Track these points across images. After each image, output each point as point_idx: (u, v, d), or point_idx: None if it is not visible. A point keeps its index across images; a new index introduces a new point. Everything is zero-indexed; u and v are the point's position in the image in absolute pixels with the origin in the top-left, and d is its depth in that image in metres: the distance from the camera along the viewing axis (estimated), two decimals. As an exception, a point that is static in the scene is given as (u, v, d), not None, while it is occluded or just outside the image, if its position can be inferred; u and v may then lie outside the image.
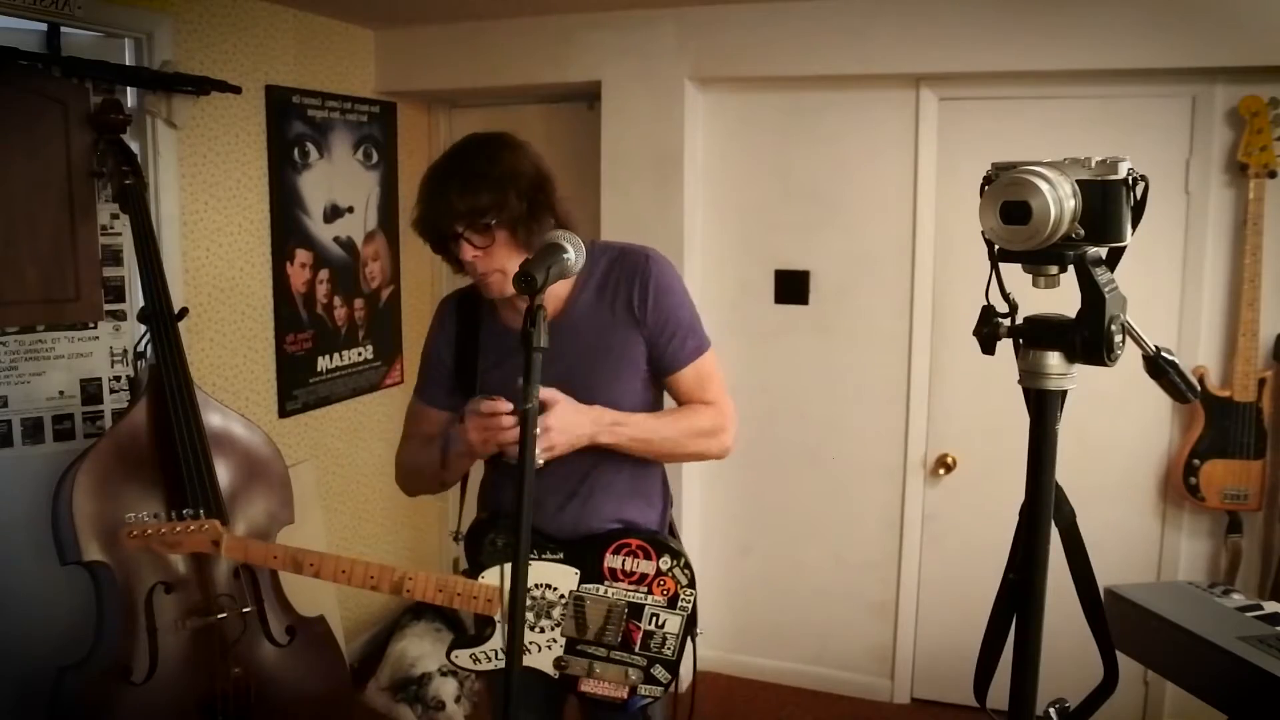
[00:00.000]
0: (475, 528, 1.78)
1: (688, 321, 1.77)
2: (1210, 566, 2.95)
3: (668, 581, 1.74)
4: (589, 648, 1.74)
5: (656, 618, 1.74)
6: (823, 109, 3.17)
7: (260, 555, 1.86)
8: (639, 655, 1.74)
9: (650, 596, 1.74)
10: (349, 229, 3.41)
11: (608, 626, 1.73)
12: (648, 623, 1.74)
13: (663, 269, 1.77)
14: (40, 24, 2.39)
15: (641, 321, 1.73)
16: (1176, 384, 1.24)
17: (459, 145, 1.76)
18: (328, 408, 3.38)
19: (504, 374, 1.74)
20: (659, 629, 1.74)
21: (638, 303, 1.73)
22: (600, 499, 1.77)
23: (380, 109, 3.52)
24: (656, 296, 1.73)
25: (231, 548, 1.81)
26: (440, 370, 1.85)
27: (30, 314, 2.43)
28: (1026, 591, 1.24)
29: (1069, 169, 1.12)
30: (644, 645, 1.74)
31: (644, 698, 1.75)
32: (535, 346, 1.37)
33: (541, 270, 1.39)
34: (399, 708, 3.08)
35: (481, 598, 1.72)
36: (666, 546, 1.76)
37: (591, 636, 1.73)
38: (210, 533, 1.79)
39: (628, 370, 1.75)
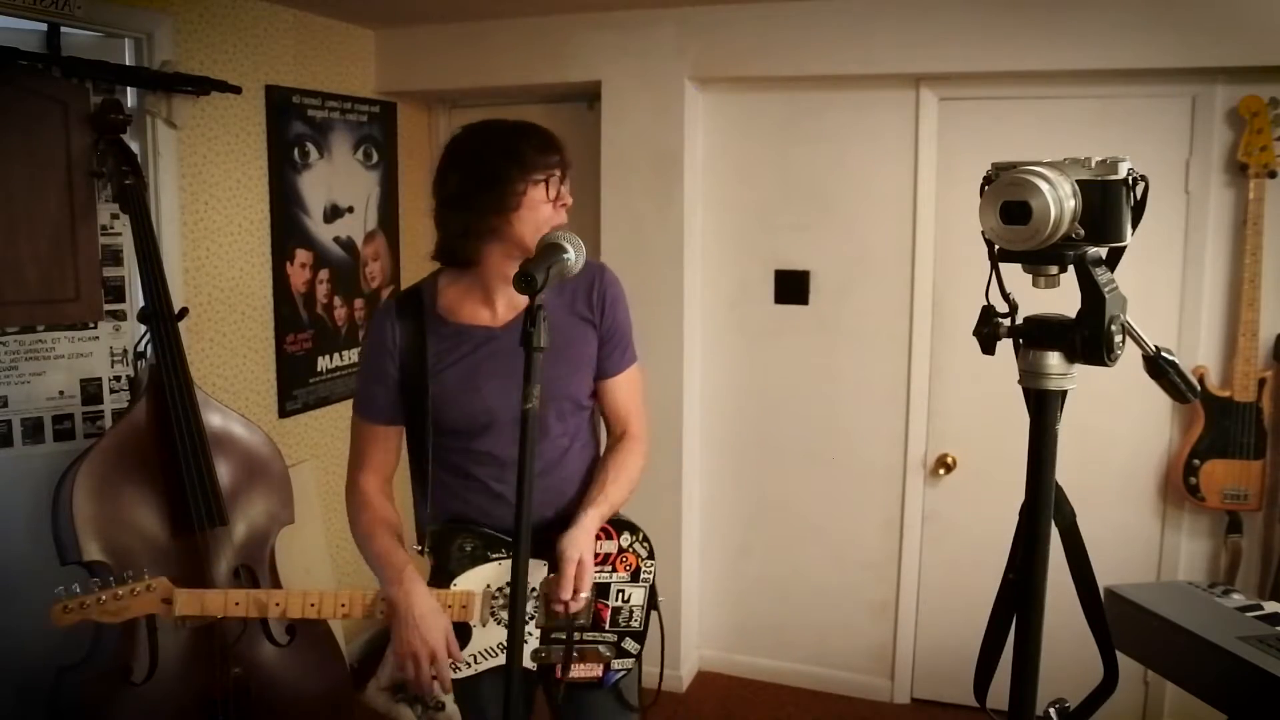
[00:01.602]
0: (440, 536, 1.76)
1: (628, 334, 1.87)
2: (1210, 566, 2.95)
3: (629, 557, 1.80)
4: (562, 634, 1.76)
5: (622, 593, 1.79)
6: (823, 109, 3.17)
7: (218, 605, 1.73)
8: (609, 632, 1.79)
9: (615, 574, 1.79)
10: (349, 229, 3.41)
11: (579, 611, 1.74)
12: (615, 599, 1.79)
13: (614, 281, 1.85)
14: (40, 24, 2.39)
15: (597, 324, 1.81)
16: (1176, 384, 1.24)
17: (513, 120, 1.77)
18: (328, 408, 3.38)
19: (461, 371, 1.73)
20: (625, 604, 1.79)
21: (595, 306, 1.80)
22: (555, 489, 1.80)
23: (380, 109, 3.52)
24: (610, 304, 1.82)
25: (186, 604, 1.70)
26: (386, 383, 1.77)
27: (30, 314, 2.43)
28: (1026, 591, 1.24)
29: (1069, 169, 1.12)
30: (613, 621, 1.79)
31: (617, 671, 1.80)
32: (535, 346, 1.37)
33: (542, 270, 1.40)
34: (399, 708, 3.08)
35: (456, 605, 1.73)
36: (625, 523, 1.81)
37: (564, 623, 1.75)
38: (159, 591, 1.69)
39: (585, 366, 1.81)
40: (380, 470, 1.82)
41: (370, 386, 1.79)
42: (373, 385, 1.78)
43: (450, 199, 1.70)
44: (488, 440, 1.75)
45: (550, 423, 1.76)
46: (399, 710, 3.08)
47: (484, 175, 1.66)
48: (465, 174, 1.68)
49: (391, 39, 3.47)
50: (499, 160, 1.66)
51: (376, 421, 1.80)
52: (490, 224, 1.67)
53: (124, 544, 2.20)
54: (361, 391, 1.82)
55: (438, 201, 1.73)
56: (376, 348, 1.78)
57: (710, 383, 3.43)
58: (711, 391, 3.43)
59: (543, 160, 1.67)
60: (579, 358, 1.80)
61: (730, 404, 3.42)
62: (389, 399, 1.78)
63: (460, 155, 1.71)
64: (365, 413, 1.81)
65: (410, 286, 1.86)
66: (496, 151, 1.67)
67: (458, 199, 1.68)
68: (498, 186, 1.65)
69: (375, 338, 1.79)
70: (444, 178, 1.71)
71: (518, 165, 1.65)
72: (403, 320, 1.77)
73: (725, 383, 3.41)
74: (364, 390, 1.81)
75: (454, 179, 1.69)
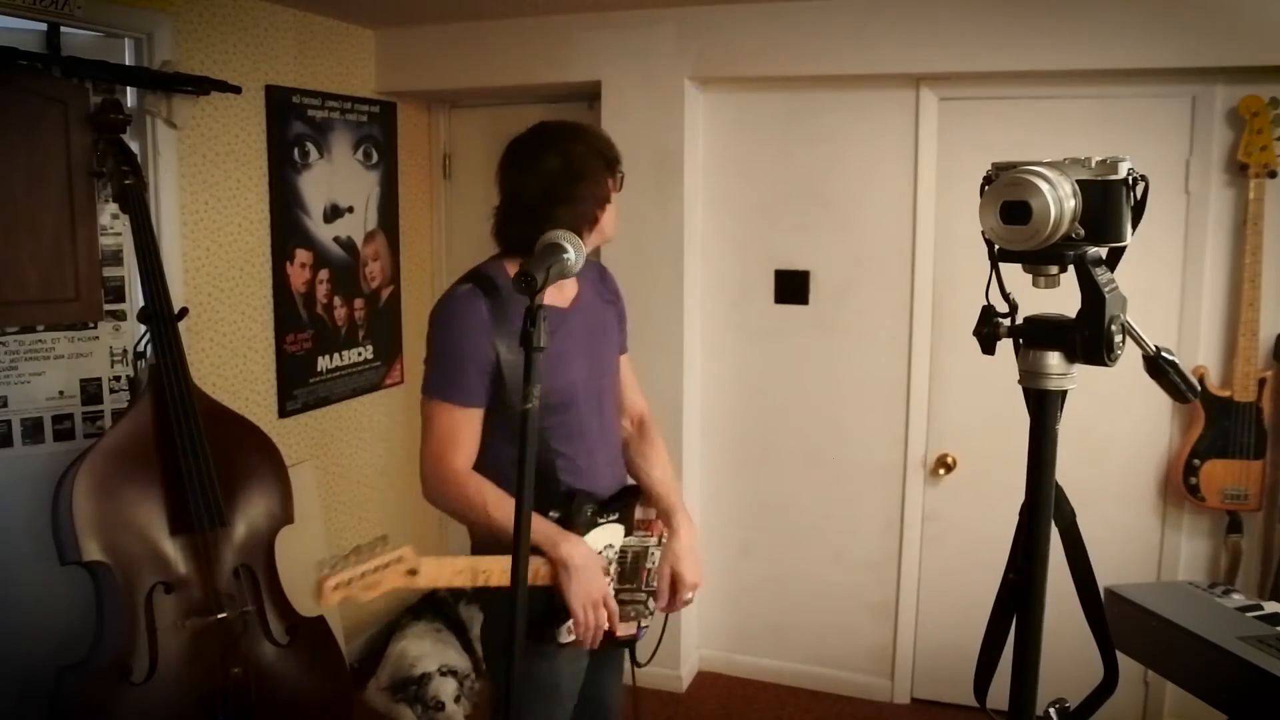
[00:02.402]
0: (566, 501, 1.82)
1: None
2: (1210, 566, 2.95)
3: (658, 524, 1.99)
4: (621, 594, 1.91)
5: (653, 556, 1.98)
6: (823, 109, 3.17)
7: (447, 576, 1.69)
8: (643, 591, 1.96)
9: (651, 538, 1.98)
10: (349, 229, 3.41)
11: (638, 572, 1.94)
12: (648, 561, 1.97)
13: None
14: (40, 24, 2.39)
15: (618, 310, 2.08)
16: (1176, 384, 1.24)
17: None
18: (328, 408, 3.38)
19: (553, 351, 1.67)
20: (653, 566, 1.98)
21: (611, 289, 2.08)
22: (617, 458, 2.03)
23: (380, 109, 3.52)
24: (618, 294, 2.10)
25: (429, 576, 1.63)
26: (482, 364, 1.75)
27: (30, 314, 2.43)
28: (1026, 591, 1.24)
29: (1069, 169, 1.12)
30: (646, 582, 1.97)
31: (645, 627, 1.99)
32: (535, 346, 1.37)
33: (542, 270, 1.40)
34: (399, 708, 3.08)
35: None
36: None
37: (628, 584, 1.93)
38: (407, 562, 1.59)
39: (618, 347, 2.08)
40: (471, 454, 1.81)
41: (463, 370, 1.76)
42: (467, 367, 1.75)
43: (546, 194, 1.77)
44: (569, 415, 1.85)
45: (608, 399, 1.97)
46: (399, 710, 3.08)
47: (583, 171, 1.79)
48: (563, 170, 1.77)
49: (391, 39, 3.47)
50: (593, 158, 1.81)
51: (469, 405, 1.77)
52: (590, 215, 1.81)
53: (124, 544, 2.20)
54: (450, 376, 1.78)
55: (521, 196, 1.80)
56: (475, 330, 1.75)
57: (710, 383, 3.43)
58: (711, 391, 3.43)
59: (616, 157, 1.88)
60: (615, 339, 2.05)
61: (730, 404, 3.42)
62: (483, 382, 1.77)
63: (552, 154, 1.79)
64: (456, 397, 1.77)
65: (475, 272, 1.85)
66: (590, 150, 1.82)
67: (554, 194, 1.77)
68: (594, 181, 1.80)
69: (471, 320, 1.75)
70: (531, 174, 1.78)
71: (605, 162, 1.84)
72: (489, 300, 1.77)
73: (725, 383, 3.41)
74: (454, 375, 1.77)
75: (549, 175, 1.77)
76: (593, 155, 1.82)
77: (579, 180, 1.78)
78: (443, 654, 3.20)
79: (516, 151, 1.84)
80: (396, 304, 3.69)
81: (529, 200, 1.79)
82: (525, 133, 1.86)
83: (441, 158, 3.85)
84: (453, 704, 3.04)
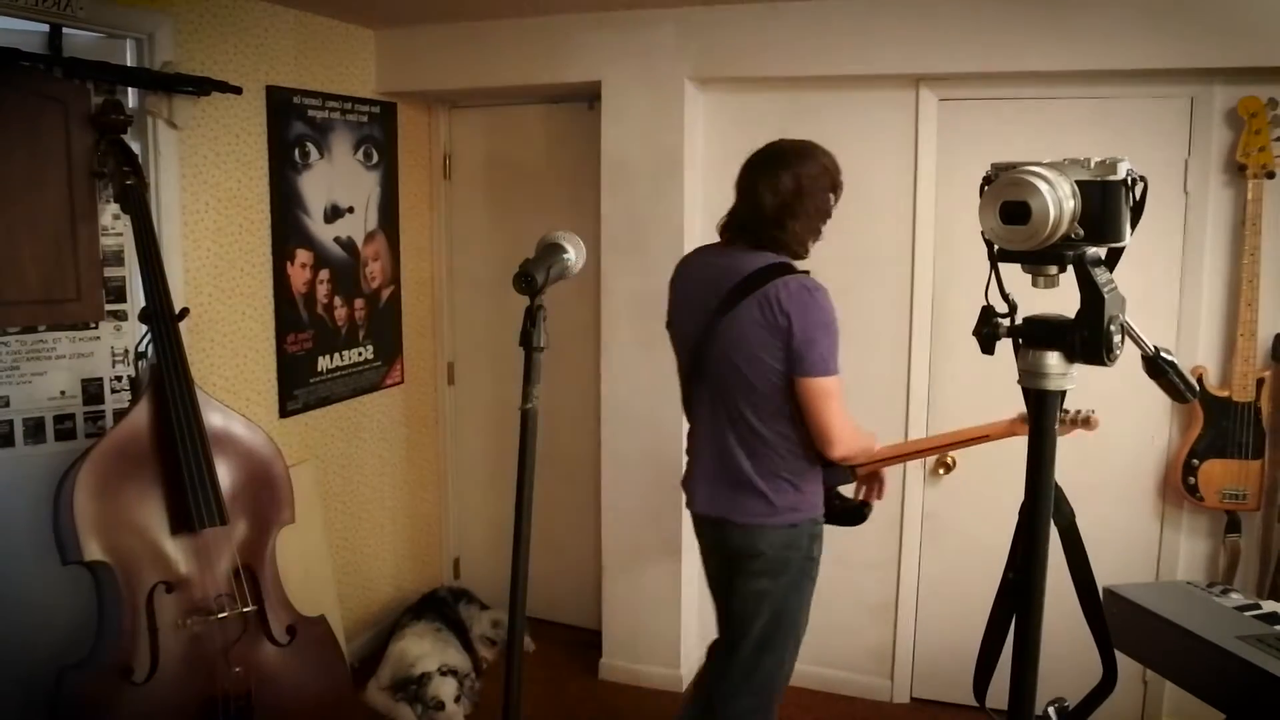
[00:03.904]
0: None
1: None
2: (1209, 566, 2.95)
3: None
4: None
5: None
6: (823, 109, 3.17)
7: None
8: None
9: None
10: (349, 229, 3.41)
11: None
12: None
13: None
14: (42, 25, 2.39)
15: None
16: (1175, 384, 1.25)
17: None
18: (328, 408, 3.38)
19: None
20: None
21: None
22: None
23: (380, 109, 3.53)
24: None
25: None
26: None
27: (32, 314, 2.43)
28: (1026, 591, 1.24)
29: (1068, 169, 1.13)
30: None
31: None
32: (535, 346, 1.37)
33: (542, 270, 1.40)
34: (399, 707, 3.08)
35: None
36: None
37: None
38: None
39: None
40: None
41: (838, 346, 2.13)
42: (838, 344, 2.13)
43: (783, 208, 2.12)
44: None
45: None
46: (399, 710, 3.09)
47: (813, 191, 2.13)
48: (797, 190, 2.11)
49: (391, 39, 3.48)
50: (822, 177, 2.15)
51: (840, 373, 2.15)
52: (814, 228, 2.18)
53: (125, 544, 2.21)
54: (835, 353, 2.12)
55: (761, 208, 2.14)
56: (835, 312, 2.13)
57: (710, 383, 3.43)
58: (711, 391, 3.43)
59: (840, 183, 2.19)
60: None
61: (730, 404, 3.42)
62: None
63: (788, 174, 2.12)
64: (838, 368, 2.13)
65: (789, 264, 2.17)
66: (820, 171, 2.15)
67: (789, 209, 2.12)
68: (821, 200, 2.16)
69: (832, 303, 2.13)
70: (772, 189, 2.12)
71: (831, 182, 2.17)
72: None
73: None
74: (836, 351, 2.13)
75: (786, 193, 2.11)
76: (822, 175, 2.14)
77: (809, 199, 2.12)
78: (443, 654, 3.20)
79: (758, 165, 2.18)
80: (397, 304, 3.69)
81: (768, 211, 2.13)
82: (767, 147, 2.20)
83: (441, 158, 3.85)
84: (453, 704, 3.04)
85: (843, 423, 2.15)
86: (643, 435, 3.34)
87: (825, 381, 2.10)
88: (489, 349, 3.90)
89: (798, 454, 2.20)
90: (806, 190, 2.11)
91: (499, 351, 3.84)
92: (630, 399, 3.34)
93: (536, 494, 1.53)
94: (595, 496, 3.50)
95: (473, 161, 3.84)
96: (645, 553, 3.39)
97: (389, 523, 3.75)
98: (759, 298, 2.10)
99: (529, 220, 3.72)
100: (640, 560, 3.40)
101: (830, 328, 2.12)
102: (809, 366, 2.09)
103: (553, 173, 3.71)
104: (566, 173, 3.66)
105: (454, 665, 3.15)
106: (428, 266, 3.88)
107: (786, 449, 2.19)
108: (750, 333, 2.12)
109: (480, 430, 3.98)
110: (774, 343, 2.10)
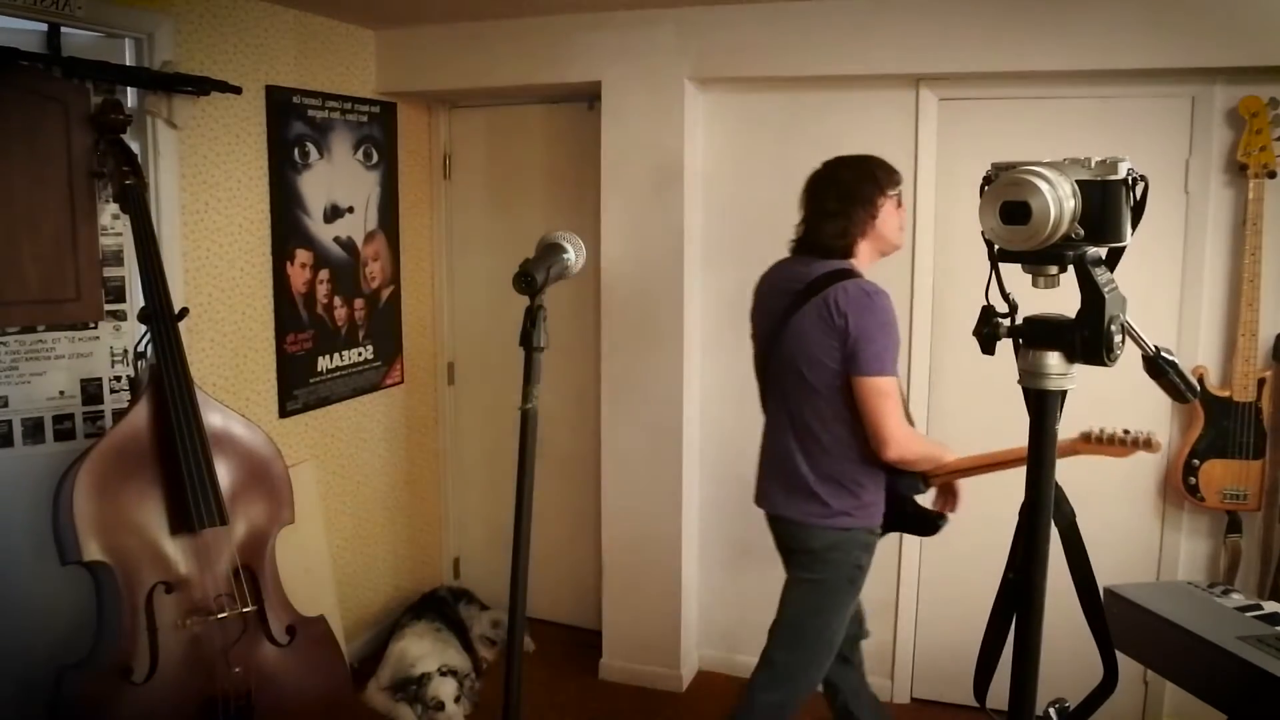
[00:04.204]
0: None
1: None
2: (1210, 566, 2.95)
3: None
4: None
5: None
6: (823, 109, 3.17)
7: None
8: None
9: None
10: (349, 229, 3.41)
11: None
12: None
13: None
14: (41, 24, 2.39)
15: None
16: (1176, 384, 1.25)
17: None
18: (328, 408, 3.38)
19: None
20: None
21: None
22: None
23: (380, 109, 3.52)
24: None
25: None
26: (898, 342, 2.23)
27: (31, 314, 2.43)
28: (1026, 591, 1.24)
29: (1069, 169, 1.13)
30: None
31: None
32: (535, 346, 1.37)
33: (542, 270, 1.40)
34: (399, 707, 3.08)
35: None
36: None
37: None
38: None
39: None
40: None
41: (896, 348, 2.21)
42: (897, 347, 2.21)
43: (827, 212, 2.28)
44: None
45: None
46: (399, 710, 3.09)
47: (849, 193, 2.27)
48: (838, 193, 2.27)
49: (391, 39, 3.48)
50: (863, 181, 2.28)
51: (897, 375, 2.21)
52: (861, 223, 2.26)
53: (124, 544, 2.21)
54: (893, 355, 2.19)
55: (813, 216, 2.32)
56: (894, 314, 2.21)
57: (710, 382, 3.43)
58: (711, 391, 3.43)
59: (890, 180, 2.30)
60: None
61: (730, 404, 3.42)
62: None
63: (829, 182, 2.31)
64: (894, 370, 2.20)
65: (849, 270, 2.28)
66: (859, 175, 2.29)
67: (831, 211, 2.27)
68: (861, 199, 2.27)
69: (892, 306, 2.21)
70: (819, 199, 2.31)
71: (875, 184, 2.28)
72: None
73: (725, 382, 3.41)
74: (894, 353, 2.20)
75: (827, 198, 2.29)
76: (862, 179, 2.28)
77: (843, 202, 2.26)
78: (443, 654, 3.20)
79: (812, 182, 2.37)
80: (397, 304, 3.69)
81: (816, 219, 2.31)
82: (820, 167, 2.38)
83: (441, 158, 3.85)
84: (453, 704, 3.04)
85: (896, 424, 2.18)
86: (643, 435, 3.34)
87: (879, 381, 2.16)
88: (489, 349, 3.90)
89: (855, 459, 2.25)
90: (852, 195, 2.25)
91: (499, 351, 3.84)
92: (631, 399, 3.34)
93: (536, 494, 1.53)
94: (595, 496, 3.50)
95: (473, 161, 3.84)
96: (645, 553, 3.39)
97: (389, 523, 3.75)
98: (819, 301, 2.21)
99: (529, 220, 3.72)
100: (640, 560, 3.40)
101: (886, 329, 2.18)
102: (863, 365, 2.16)
103: (553, 173, 3.71)
104: (566, 173, 3.66)
105: (454, 665, 3.15)
106: (428, 266, 3.88)
107: (842, 453, 2.25)
108: (811, 335, 2.23)
109: (480, 430, 3.97)
110: (832, 344, 2.19)
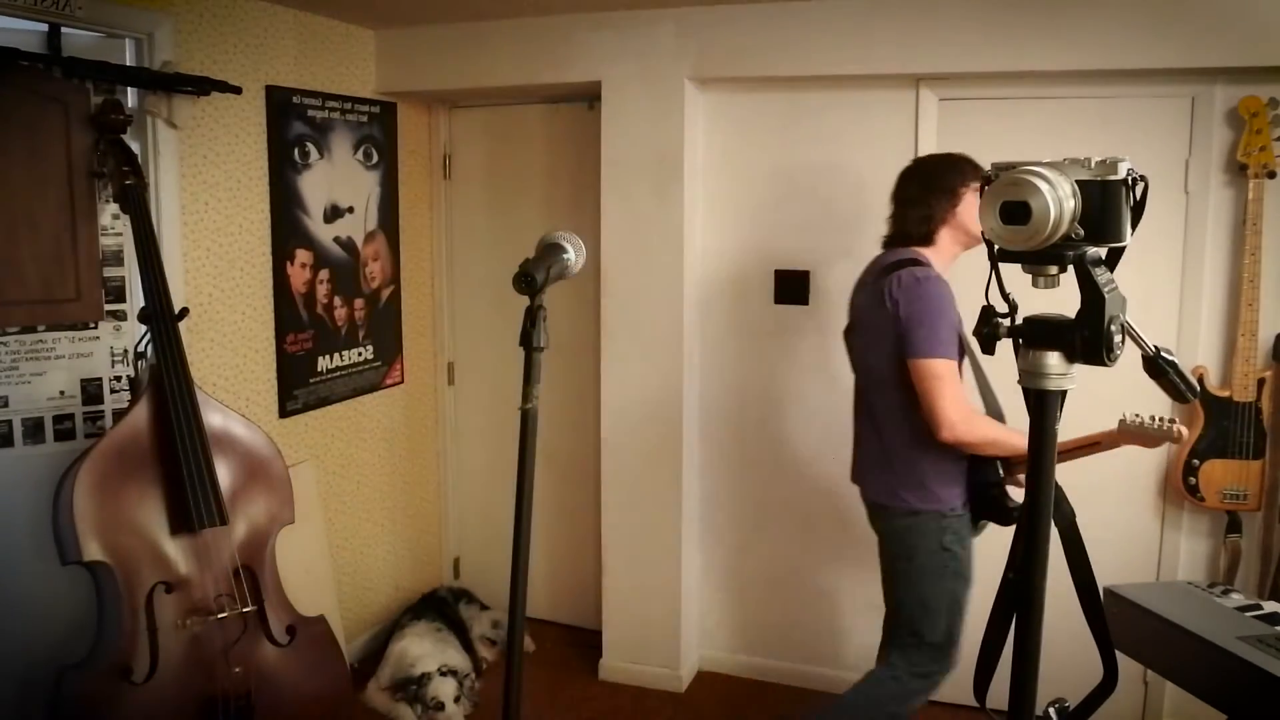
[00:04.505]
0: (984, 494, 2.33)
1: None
2: (1210, 566, 2.95)
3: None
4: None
5: None
6: (823, 109, 3.18)
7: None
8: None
9: None
10: (349, 229, 3.41)
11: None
12: None
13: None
14: (41, 24, 2.39)
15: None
16: (1176, 384, 1.25)
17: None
18: (328, 408, 3.38)
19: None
20: None
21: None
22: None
23: (380, 109, 3.52)
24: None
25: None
26: (955, 326, 2.24)
27: (31, 314, 2.43)
28: (1026, 591, 1.24)
29: (1069, 169, 1.13)
30: None
31: None
32: (535, 346, 1.37)
33: (542, 270, 1.40)
34: (399, 707, 3.08)
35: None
36: None
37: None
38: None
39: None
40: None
41: (951, 333, 2.22)
42: (952, 332, 2.22)
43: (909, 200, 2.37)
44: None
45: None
46: (399, 710, 3.09)
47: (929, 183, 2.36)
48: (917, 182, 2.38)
49: (391, 39, 3.48)
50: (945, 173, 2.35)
51: (954, 357, 2.22)
52: (940, 210, 2.33)
53: (125, 544, 2.21)
54: (945, 338, 2.21)
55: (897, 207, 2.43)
56: (950, 301, 2.24)
57: (710, 382, 3.43)
58: (711, 391, 3.43)
59: (975, 173, 2.32)
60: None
61: (730, 403, 3.42)
62: (955, 340, 2.24)
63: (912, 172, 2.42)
64: (951, 353, 2.22)
65: (912, 259, 2.32)
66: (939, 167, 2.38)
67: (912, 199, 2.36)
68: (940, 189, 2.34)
69: (947, 293, 2.25)
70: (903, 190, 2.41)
71: (958, 173, 2.34)
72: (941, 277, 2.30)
73: (725, 382, 3.41)
74: (948, 336, 2.22)
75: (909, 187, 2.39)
76: (946, 169, 2.36)
77: (924, 189, 2.35)
78: (443, 654, 3.20)
79: (900, 175, 2.45)
80: (396, 304, 3.69)
81: (900, 208, 2.41)
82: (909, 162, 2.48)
83: (441, 158, 3.85)
84: (453, 704, 3.04)
85: (949, 405, 2.19)
86: (643, 435, 3.34)
87: (932, 363, 2.19)
88: (489, 349, 3.90)
89: (918, 443, 2.29)
90: (933, 183, 2.34)
91: (499, 351, 3.84)
92: (630, 398, 3.34)
93: (536, 494, 1.53)
94: (595, 496, 3.50)
95: (473, 161, 3.84)
96: (645, 553, 3.39)
97: (389, 523, 3.75)
98: (878, 288, 2.31)
99: (529, 220, 3.72)
100: (640, 560, 3.40)
101: (937, 313, 2.22)
102: (914, 347, 2.21)
103: (553, 173, 3.71)
104: (566, 173, 3.66)
105: (454, 665, 3.15)
106: (428, 266, 3.88)
107: (907, 437, 2.31)
108: (873, 323, 2.35)
109: (480, 430, 3.97)
110: (888, 329, 2.27)
